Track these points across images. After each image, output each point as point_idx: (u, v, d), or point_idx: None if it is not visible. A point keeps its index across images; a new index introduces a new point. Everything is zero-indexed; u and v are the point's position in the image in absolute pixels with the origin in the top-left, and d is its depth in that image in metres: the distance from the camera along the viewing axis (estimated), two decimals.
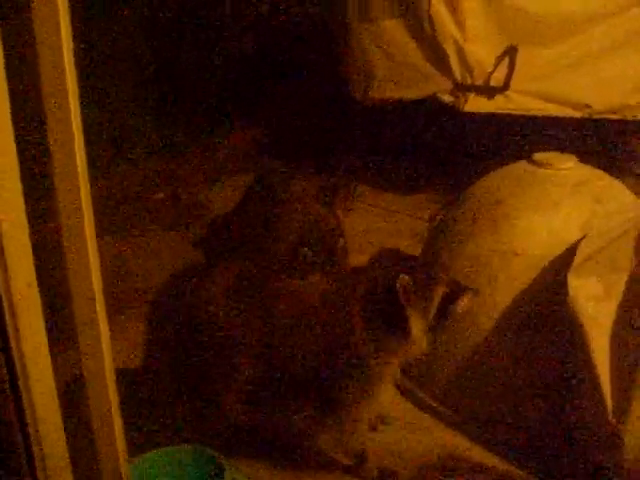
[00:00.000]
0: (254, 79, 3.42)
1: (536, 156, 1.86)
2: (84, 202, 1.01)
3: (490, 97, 2.59)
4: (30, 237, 0.98)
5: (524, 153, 1.91)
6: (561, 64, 2.60)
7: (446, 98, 2.64)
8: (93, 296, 1.06)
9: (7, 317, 0.99)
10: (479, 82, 2.60)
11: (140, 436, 1.66)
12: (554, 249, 1.69)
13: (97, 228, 1.05)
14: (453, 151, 2.91)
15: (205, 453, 1.54)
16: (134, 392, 1.70)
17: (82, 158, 0.99)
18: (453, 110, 2.64)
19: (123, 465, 1.17)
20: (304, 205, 2.29)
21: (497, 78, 2.58)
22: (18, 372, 1.03)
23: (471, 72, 2.60)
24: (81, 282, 1.06)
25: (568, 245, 1.67)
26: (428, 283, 1.50)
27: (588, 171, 1.86)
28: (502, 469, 1.62)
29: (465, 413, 1.78)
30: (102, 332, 1.08)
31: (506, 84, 2.58)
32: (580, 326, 1.50)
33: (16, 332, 1.00)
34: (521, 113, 2.60)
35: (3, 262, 0.96)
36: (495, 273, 1.73)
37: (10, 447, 1.07)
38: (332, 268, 2.09)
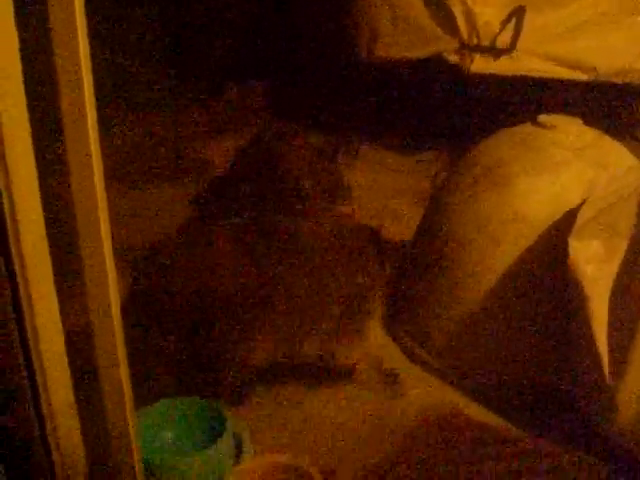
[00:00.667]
0: (259, 36, 3.39)
1: (540, 118, 1.86)
2: (94, 153, 1.02)
3: (496, 58, 2.58)
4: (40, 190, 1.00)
5: (529, 115, 1.91)
6: (568, 26, 2.58)
7: (452, 58, 2.63)
8: (102, 246, 1.07)
9: (17, 266, 1.00)
10: (485, 43, 2.58)
11: (144, 387, 1.70)
12: (556, 212, 1.70)
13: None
14: (457, 112, 2.89)
15: (208, 405, 1.57)
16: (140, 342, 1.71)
17: (92, 108, 1.00)
18: (458, 71, 2.63)
19: (130, 415, 1.20)
20: (304, 155, 2.31)
21: (504, 39, 2.56)
22: (26, 321, 1.05)
23: (478, 33, 2.58)
24: (90, 231, 1.07)
25: (570, 208, 1.67)
26: None
27: (592, 134, 1.86)
28: (499, 427, 1.64)
29: (464, 372, 1.81)
30: (110, 282, 1.10)
31: (512, 45, 2.56)
32: (580, 288, 1.51)
33: (25, 281, 1.02)
34: (527, 75, 2.59)
35: (14, 216, 0.97)
36: (496, 235, 1.74)
37: (17, 394, 1.09)
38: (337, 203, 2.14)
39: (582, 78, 2.60)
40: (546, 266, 1.68)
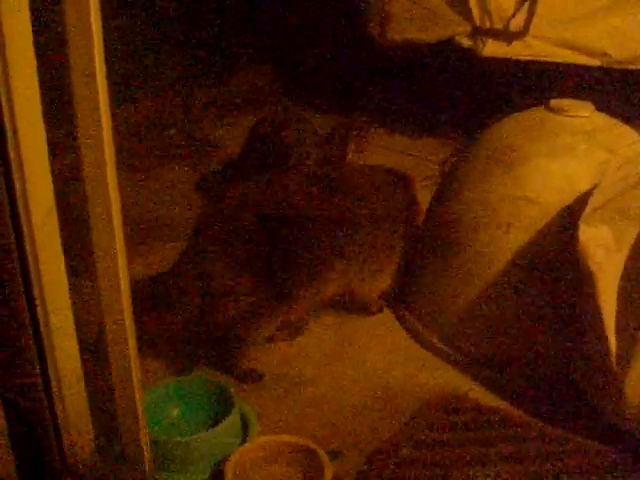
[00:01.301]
0: (271, 16, 3.38)
1: (552, 102, 1.85)
2: (105, 133, 1.02)
3: (509, 42, 2.56)
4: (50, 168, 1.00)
5: (540, 100, 1.90)
6: (581, 11, 2.57)
7: (464, 42, 2.62)
8: (112, 227, 1.08)
9: (27, 244, 1.00)
10: (498, 27, 2.57)
11: (152, 366, 1.71)
12: (566, 196, 1.69)
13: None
14: (468, 95, 2.88)
15: (215, 385, 1.58)
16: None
17: (103, 86, 1.00)
18: (471, 54, 2.61)
19: (138, 392, 1.20)
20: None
21: (517, 23, 2.55)
22: (36, 298, 1.06)
23: (490, 16, 2.57)
24: (100, 212, 1.07)
25: (580, 193, 1.67)
26: None
27: (604, 120, 1.85)
28: (505, 411, 1.64)
29: (470, 355, 1.81)
30: (120, 262, 1.10)
31: (525, 29, 2.55)
32: (589, 273, 1.51)
33: (35, 260, 1.02)
34: (539, 60, 2.58)
35: (23, 189, 0.97)
36: (506, 219, 1.74)
37: (26, 370, 1.09)
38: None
39: (595, 64, 2.59)
40: (556, 250, 1.67)
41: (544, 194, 1.72)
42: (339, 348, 1.87)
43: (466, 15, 2.60)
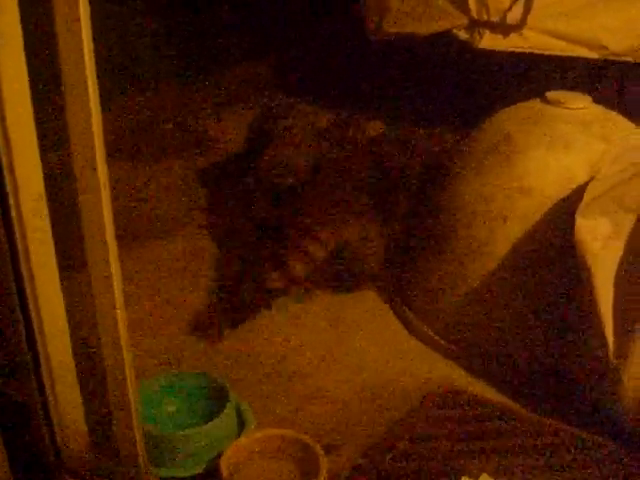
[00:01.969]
0: (268, 11, 3.36)
1: (549, 95, 1.84)
2: (95, 127, 1.01)
3: (506, 35, 2.55)
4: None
5: (535, 93, 1.89)
6: (579, 3, 2.55)
7: (461, 34, 2.60)
8: (103, 223, 1.07)
9: (17, 233, 1.00)
10: (495, 19, 2.56)
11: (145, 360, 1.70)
12: (563, 188, 1.68)
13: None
14: (465, 88, 2.88)
15: (210, 379, 1.57)
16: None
17: (93, 81, 0.99)
18: (467, 47, 2.61)
19: (131, 386, 1.19)
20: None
21: (514, 16, 2.54)
22: (27, 290, 1.05)
23: (488, 9, 2.56)
24: (92, 209, 1.06)
25: (577, 184, 1.66)
26: None
27: (601, 111, 1.84)
28: (502, 404, 1.64)
29: (467, 348, 1.80)
30: (112, 259, 1.09)
31: (522, 22, 2.54)
32: (586, 266, 1.50)
33: (25, 249, 1.01)
34: (536, 52, 2.57)
35: (13, 179, 0.96)
36: (503, 211, 1.73)
37: (18, 361, 1.09)
38: None
39: (592, 56, 2.58)
40: (553, 243, 1.67)
41: (541, 186, 1.71)
42: (335, 342, 1.86)
43: (463, 7, 2.59)
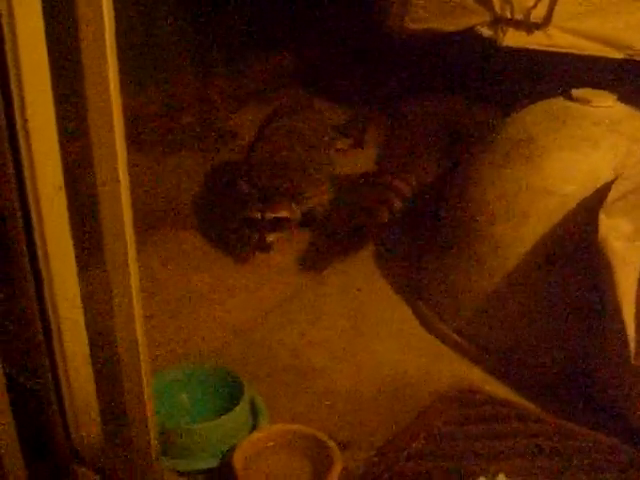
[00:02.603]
0: (289, 5, 3.35)
1: (574, 92, 1.82)
2: (115, 117, 1.00)
3: (529, 33, 2.53)
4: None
5: (561, 90, 1.87)
6: (604, 2, 2.53)
7: (485, 32, 2.58)
8: (122, 215, 1.06)
9: (35, 222, 0.99)
10: (519, 17, 2.54)
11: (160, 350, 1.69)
12: (587, 187, 1.66)
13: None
14: (489, 85, 2.86)
15: (225, 373, 1.57)
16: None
17: (114, 71, 0.98)
18: (491, 44, 2.59)
19: (145, 377, 1.19)
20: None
21: (538, 14, 2.52)
22: (44, 279, 1.04)
23: (512, 6, 2.54)
24: (110, 201, 1.05)
25: (601, 184, 1.64)
26: None
27: (626, 110, 1.82)
28: (520, 405, 1.62)
29: (485, 347, 1.78)
30: (129, 250, 1.08)
31: (546, 20, 2.52)
32: (608, 265, 1.48)
33: (42, 239, 1.00)
34: (560, 51, 2.55)
35: (32, 169, 0.96)
36: (526, 209, 1.71)
37: (32, 352, 1.08)
38: None
39: (617, 56, 2.55)
40: (575, 242, 1.65)
41: (565, 185, 1.69)
42: (351, 338, 1.85)
43: (487, 4, 2.57)
